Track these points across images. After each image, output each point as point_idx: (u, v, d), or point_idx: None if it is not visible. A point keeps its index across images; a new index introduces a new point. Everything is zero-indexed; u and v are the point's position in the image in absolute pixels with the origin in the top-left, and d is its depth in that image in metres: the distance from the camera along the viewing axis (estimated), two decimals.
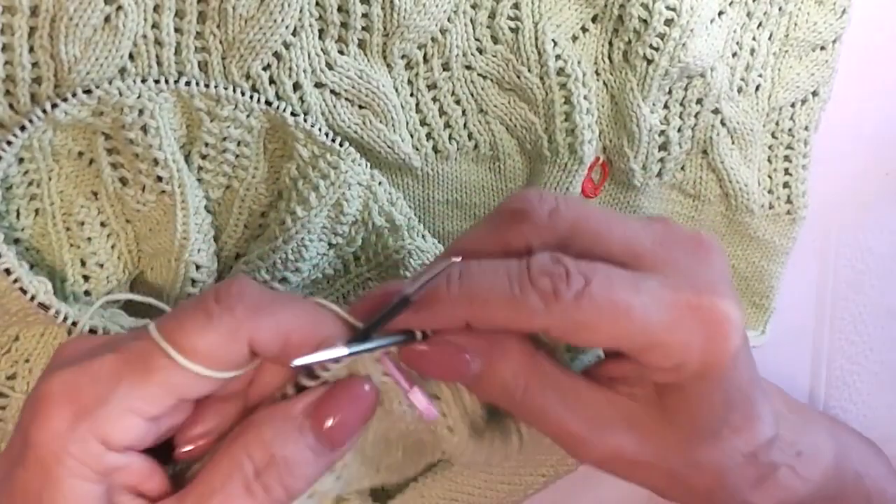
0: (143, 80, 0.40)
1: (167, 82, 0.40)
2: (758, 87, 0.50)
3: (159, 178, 0.40)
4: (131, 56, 0.41)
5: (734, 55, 0.49)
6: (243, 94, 0.41)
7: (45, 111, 0.39)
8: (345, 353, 0.31)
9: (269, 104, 0.42)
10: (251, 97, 0.41)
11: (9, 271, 0.38)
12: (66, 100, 0.39)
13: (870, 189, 0.55)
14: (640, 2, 0.46)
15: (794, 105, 0.51)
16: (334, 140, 0.42)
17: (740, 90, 0.50)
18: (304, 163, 0.42)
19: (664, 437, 0.34)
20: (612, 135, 0.48)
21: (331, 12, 0.43)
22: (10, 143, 0.38)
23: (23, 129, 0.39)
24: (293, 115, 0.42)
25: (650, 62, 0.46)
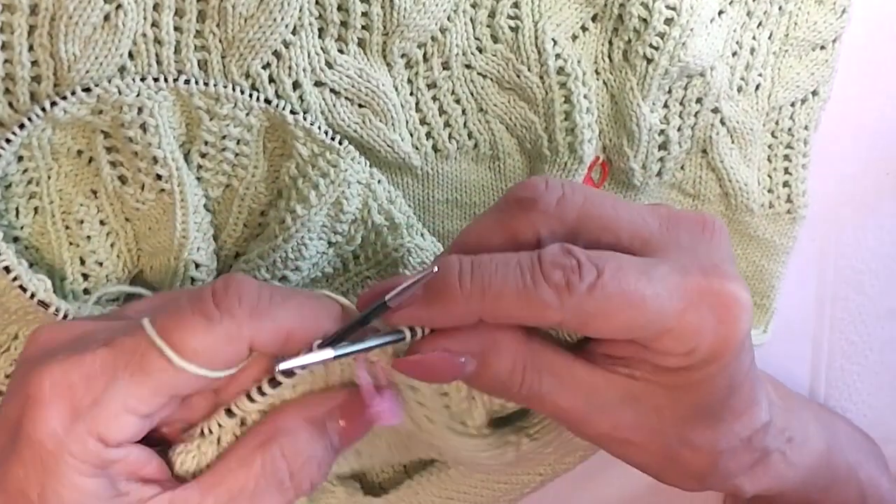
0: (143, 79, 0.40)
1: (166, 80, 0.40)
2: (758, 87, 0.50)
3: (158, 177, 0.40)
4: (131, 55, 0.41)
5: (734, 54, 0.49)
6: (243, 93, 0.41)
7: (44, 109, 0.39)
8: (331, 356, 0.31)
9: (268, 102, 0.42)
10: (250, 95, 0.41)
11: (8, 269, 0.38)
12: (65, 98, 0.39)
13: (870, 189, 0.55)
14: (640, 1, 0.46)
15: (793, 104, 0.51)
16: (333, 138, 0.42)
17: (740, 89, 0.50)
18: (303, 161, 0.42)
19: (662, 418, 0.34)
20: (611, 134, 0.48)
21: (330, 11, 0.43)
22: (9, 141, 0.38)
23: (22, 127, 0.39)
24: (293, 113, 0.42)
25: (650, 61, 0.46)
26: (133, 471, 0.31)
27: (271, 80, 0.43)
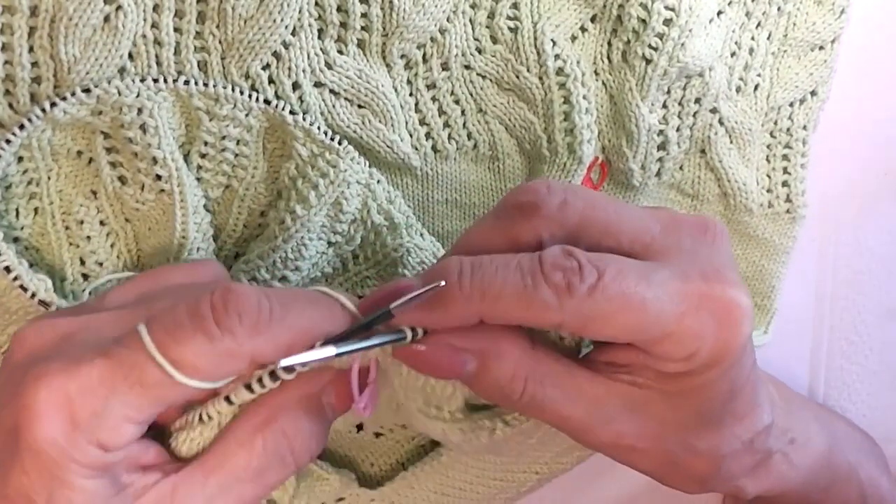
0: (143, 80, 0.40)
1: (166, 81, 0.41)
2: (756, 87, 0.50)
3: (158, 177, 0.40)
4: (131, 56, 0.41)
5: (733, 55, 0.49)
6: (242, 94, 0.41)
7: (43, 110, 0.39)
8: (332, 354, 0.31)
9: (267, 103, 0.42)
10: (250, 96, 0.41)
11: (9, 269, 0.38)
12: (64, 99, 0.39)
13: (870, 189, 0.55)
14: (639, 2, 0.46)
15: (792, 105, 0.51)
16: (333, 139, 0.42)
17: (739, 90, 0.50)
18: (303, 162, 0.42)
19: (665, 424, 0.34)
20: (610, 134, 0.48)
21: (330, 12, 0.43)
22: (9, 141, 0.39)
23: (22, 128, 0.39)
24: (292, 113, 0.42)
25: (649, 62, 0.46)
26: (132, 463, 0.32)
27: (271, 80, 0.43)
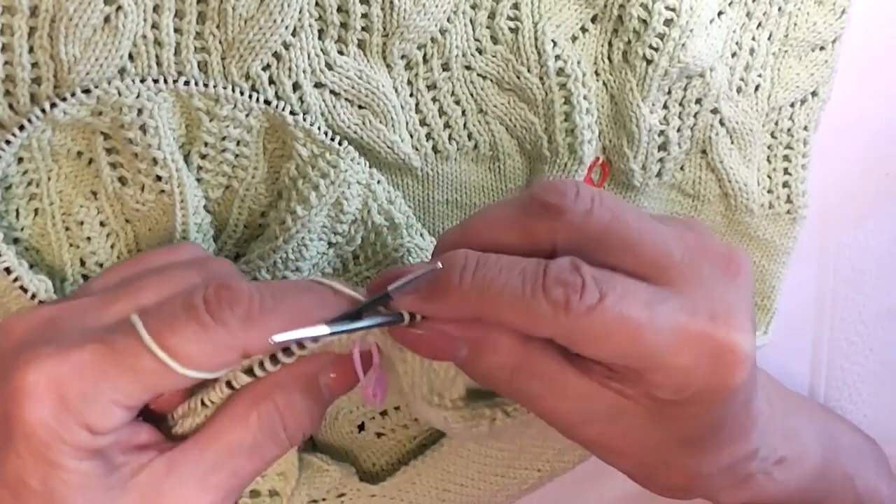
0: (143, 80, 0.40)
1: (166, 82, 0.40)
2: (757, 87, 0.50)
3: (158, 178, 0.40)
4: (131, 56, 0.41)
5: (733, 55, 0.49)
6: (242, 94, 0.41)
7: (43, 111, 0.39)
8: (326, 332, 0.32)
9: (268, 103, 0.42)
10: (250, 97, 0.41)
11: (9, 270, 0.38)
12: (64, 99, 0.39)
13: (870, 189, 0.55)
14: (640, 2, 0.46)
15: (793, 105, 0.51)
16: (333, 139, 0.42)
17: (740, 90, 0.50)
18: (303, 162, 0.42)
19: (646, 435, 0.34)
20: (611, 135, 0.48)
21: (330, 12, 0.43)
22: (8, 142, 0.38)
23: (22, 128, 0.39)
24: (292, 114, 0.42)
25: (650, 62, 0.46)
26: (126, 444, 0.32)
27: (271, 81, 0.43)
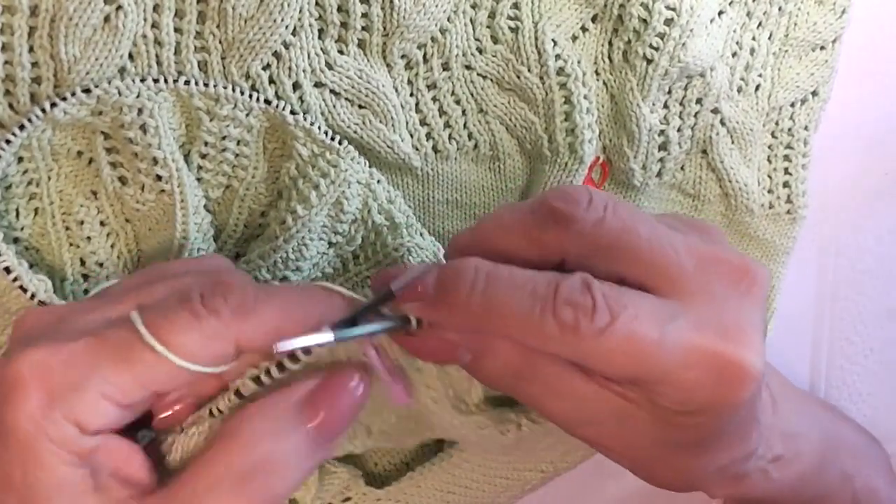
0: (143, 80, 0.40)
1: (166, 81, 0.40)
2: (757, 87, 0.50)
3: (158, 178, 0.40)
4: (131, 56, 0.41)
5: (734, 55, 0.49)
6: (242, 94, 0.41)
7: (43, 110, 0.39)
8: (331, 339, 0.31)
9: (268, 103, 0.42)
10: (250, 96, 0.41)
11: (8, 270, 0.38)
12: (64, 99, 0.39)
13: (870, 189, 0.55)
14: (640, 1, 0.46)
15: (793, 105, 0.51)
16: (333, 139, 0.42)
17: (740, 90, 0.50)
18: (303, 162, 0.42)
19: (647, 438, 0.34)
20: (611, 134, 0.48)
21: (330, 12, 0.43)
22: (9, 142, 0.38)
23: (22, 128, 0.39)
24: (292, 113, 0.42)
25: (650, 62, 0.46)
26: (116, 466, 0.31)
27: (271, 81, 0.43)
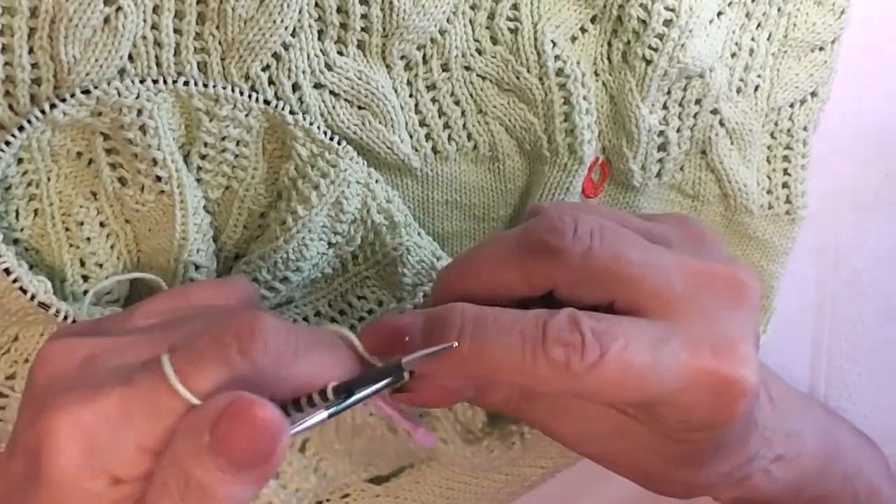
0: (142, 81, 0.40)
1: (165, 82, 0.41)
2: (756, 88, 0.50)
3: (158, 178, 0.40)
4: (131, 57, 0.41)
5: (733, 56, 0.49)
6: (242, 94, 0.41)
7: (43, 112, 0.39)
8: (324, 416, 0.30)
9: (267, 103, 0.42)
10: (250, 96, 0.41)
11: (8, 271, 0.37)
12: (64, 100, 0.39)
13: (870, 189, 0.55)
14: (639, 2, 0.46)
15: (792, 105, 0.51)
16: (332, 139, 0.42)
17: (739, 91, 0.50)
18: (302, 162, 0.42)
19: (648, 453, 0.34)
20: (611, 135, 0.48)
21: (330, 13, 0.43)
22: (8, 143, 0.38)
23: (21, 129, 0.39)
24: (292, 113, 0.42)
25: (649, 63, 0.46)
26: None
27: (271, 82, 0.43)
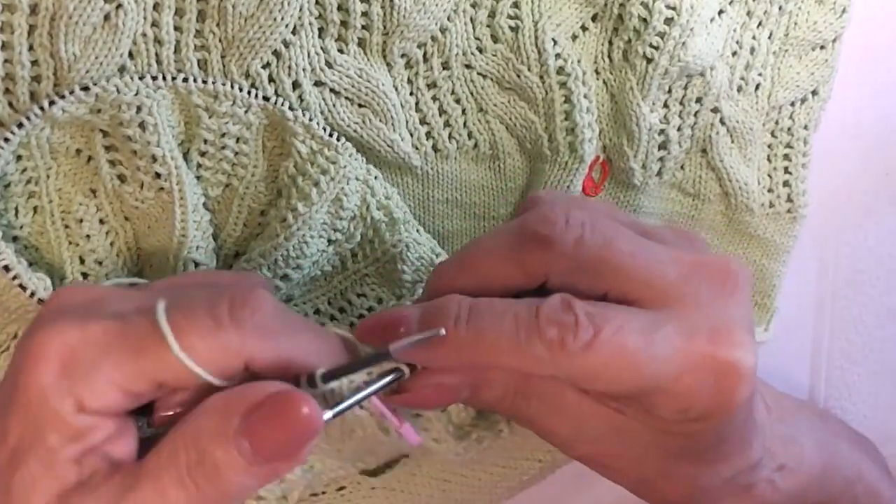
0: (141, 77, 0.40)
1: (164, 79, 0.40)
2: (757, 86, 0.50)
3: (157, 175, 0.40)
4: (131, 54, 0.41)
5: (734, 54, 0.49)
6: (241, 90, 0.41)
7: (42, 108, 0.39)
8: (329, 416, 0.31)
9: (266, 99, 0.42)
10: (249, 93, 0.41)
11: (8, 268, 0.37)
12: (63, 97, 0.39)
13: (870, 189, 0.55)
14: (640, 1, 0.46)
15: (793, 104, 0.51)
16: (331, 135, 0.42)
17: (740, 89, 0.50)
18: (302, 159, 0.42)
19: (646, 451, 0.34)
20: (611, 134, 0.48)
21: (330, 11, 0.43)
22: (7, 140, 0.38)
23: (20, 126, 0.39)
24: (291, 109, 0.42)
25: (650, 61, 0.46)
26: (101, 442, 0.30)
27: (271, 79, 0.43)
